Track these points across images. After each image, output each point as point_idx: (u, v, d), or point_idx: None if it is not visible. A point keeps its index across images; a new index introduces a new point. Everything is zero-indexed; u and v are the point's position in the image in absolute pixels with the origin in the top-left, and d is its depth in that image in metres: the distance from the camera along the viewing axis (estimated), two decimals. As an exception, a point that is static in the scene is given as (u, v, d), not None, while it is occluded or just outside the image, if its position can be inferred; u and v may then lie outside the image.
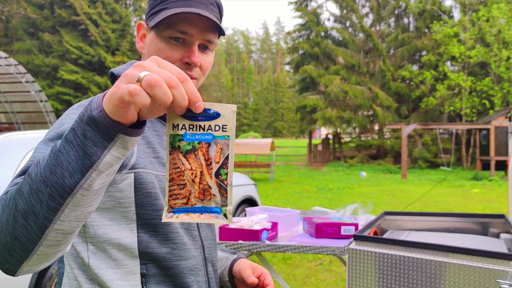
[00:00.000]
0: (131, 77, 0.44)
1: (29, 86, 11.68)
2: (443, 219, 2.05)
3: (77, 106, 0.73)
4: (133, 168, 0.68)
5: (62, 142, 0.48)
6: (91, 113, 0.46)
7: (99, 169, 0.47)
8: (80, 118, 0.47)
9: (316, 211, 2.51)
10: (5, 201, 0.51)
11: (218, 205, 0.49)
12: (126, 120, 0.46)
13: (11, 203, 0.50)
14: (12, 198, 0.50)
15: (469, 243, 1.72)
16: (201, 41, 0.73)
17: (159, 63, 0.46)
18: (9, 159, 2.57)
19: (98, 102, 0.46)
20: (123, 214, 0.69)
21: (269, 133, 45.04)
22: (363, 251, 1.57)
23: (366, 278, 1.56)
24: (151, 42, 0.74)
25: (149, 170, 0.70)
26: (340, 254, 1.79)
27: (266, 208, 2.55)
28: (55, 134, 0.63)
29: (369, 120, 19.95)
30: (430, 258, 1.44)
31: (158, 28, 0.72)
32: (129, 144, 0.48)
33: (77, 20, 19.26)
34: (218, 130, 0.48)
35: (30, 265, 0.52)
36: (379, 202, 8.22)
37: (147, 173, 0.69)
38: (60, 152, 0.47)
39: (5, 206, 0.51)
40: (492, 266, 1.33)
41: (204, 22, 0.71)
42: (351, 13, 20.62)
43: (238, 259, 0.86)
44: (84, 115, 0.47)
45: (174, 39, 0.72)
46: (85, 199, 0.49)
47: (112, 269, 0.68)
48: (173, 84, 0.44)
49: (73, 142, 0.47)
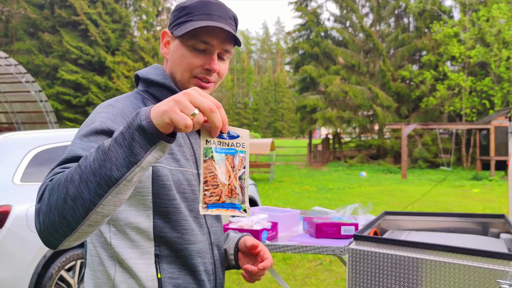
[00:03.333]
0: (185, 107, 0.58)
1: (29, 86, 11.67)
2: (443, 219, 2.05)
3: (106, 105, 0.82)
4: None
5: (112, 143, 0.60)
6: (141, 123, 0.59)
7: (142, 166, 0.60)
8: (128, 125, 0.60)
9: (316, 211, 2.51)
10: (52, 186, 0.62)
11: (240, 202, 0.65)
12: (167, 132, 0.60)
13: (61, 188, 0.61)
14: (62, 184, 0.61)
15: (469, 243, 1.71)
16: (220, 50, 0.85)
17: (201, 93, 0.60)
18: (9, 159, 2.57)
19: (147, 114, 0.60)
20: (141, 201, 0.79)
21: (269, 133, 45.03)
22: (363, 251, 1.57)
23: (366, 278, 1.56)
24: (175, 49, 0.86)
25: (164, 165, 0.81)
26: (340, 254, 1.79)
27: (266, 208, 2.55)
28: (89, 131, 0.73)
29: (369, 120, 19.95)
30: (430, 258, 1.44)
31: (183, 38, 0.83)
32: (166, 148, 0.62)
33: (77, 20, 19.25)
34: (239, 146, 0.65)
35: (70, 241, 0.63)
36: (379, 202, 8.22)
37: (163, 167, 0.80)
38: (110, 150, 0.59)
39: (53, 190, 0.61)
40: (492, 266, 1.33)
41: (224, 34, 0.83)
42: (351, 13, 20.62)
43: (245, 235, 0.98)
44: (133, 123, 0.60)
45: (197, 48, 0.83)
46: (126, 188, 0.61)
47: (130, 248, 0.79)
48: (214, 110, 0.59)
49: (122, 143, 0.60)
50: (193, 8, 0.84)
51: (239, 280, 3.71)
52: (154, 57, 20.63)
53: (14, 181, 2.50)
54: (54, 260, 2.58)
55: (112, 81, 19.59)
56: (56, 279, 2.58)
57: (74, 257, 2.70)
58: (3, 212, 2.35)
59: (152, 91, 0.88)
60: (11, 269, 2.36)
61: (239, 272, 3.92)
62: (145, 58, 20.04)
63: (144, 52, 20.29)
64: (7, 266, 2.35)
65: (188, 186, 0.84)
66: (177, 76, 0.86)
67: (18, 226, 2.39)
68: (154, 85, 0.87)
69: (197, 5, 0.84)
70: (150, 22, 21.42)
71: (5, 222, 2.35)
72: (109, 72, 19.77)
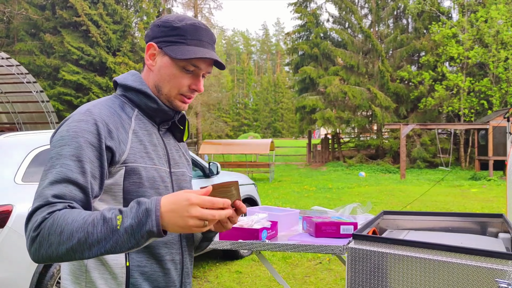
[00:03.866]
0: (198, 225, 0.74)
1: (31, 86, 11.68)
2: (442, 218, 2.06)
3: (85, 110, 0.87)
4: (125, 162, 0.87)
5: (122, 231, 0.72)
6: (152, 228, 0.72)
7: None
8: (139, 223, 0.73)
9: (316, 211, 2.53)
10: (53, 230, 0.73)
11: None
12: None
13: (64, 238, 0.73)
14: (66, 237, 0.73)
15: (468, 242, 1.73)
16: (205, 72, 0.95)
17: (206, 204, 0.74)
18: (11, 159, 2.58)
19: (157, 221, 0.73)
20: (113, 197, 0.87)
21: (269, 133, 45.02)
22: (362, 250, 1.58)
23: (365, 277, 1.57)
24: (165, 66, 0.93)
25: (139, 164, 0.89)
26: (340, 253, 1.80)
27: (266, 207, 2.56)
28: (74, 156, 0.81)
29: (368, 120, 19.97)
30: (429, 257, 1.45)
31: (176, 59, 0.91)
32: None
33: (78, 21, 19.23)
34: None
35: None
36: (378, 201, 8.24)
37: (137, 166, 0.88)
38: (119, 236, 0.72)
39: (54, 234, 0.73)
40: (491, 265, 1.34)
41: (211, 60, 0.93)
42: (350, 14, 20.63)
43: None
44: (145, 225, 0.72)
45: (186, 69, 0.92)
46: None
47: None
48: (217, 217, 0.75)
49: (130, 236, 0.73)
50: (186, 31, 0.91)
51: (239, 280, 3.72)
52: (154, 58, 20.60)
53: (16, 181, 2.51)
54: (55, 259, 2.59)
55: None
56: (57, 278, 2.59)
57: (75, 256, 2.70)
58: (5, 212, 2.36)
59: (130, 95, 0.95)
60: (12, 268, 2.37)
61: (239, 271, 3.93)
62: (146, 58, 20.02)
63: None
64: (8, 266, 2.36)
65: (162, 183, 0.92)
66: (163, 90, 0.94)
67: (20, 226, 2.40)
68: (131, 90, 0.95)
69: (189, 28, 0.91)
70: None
71: (7, 222, 2.36)
72: (110, 73, 19.77)
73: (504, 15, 15.53)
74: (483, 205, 7.66)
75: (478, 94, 16.86)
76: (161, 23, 0.93)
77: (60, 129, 0.86)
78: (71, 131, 0.83)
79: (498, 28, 15.67)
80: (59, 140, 0.83)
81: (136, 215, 0.73)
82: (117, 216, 0.74)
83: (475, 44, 16.89)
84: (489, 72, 16.50)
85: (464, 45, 16.66)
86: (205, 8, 22.31)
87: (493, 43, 15.97)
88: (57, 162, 0.80)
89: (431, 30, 17.63)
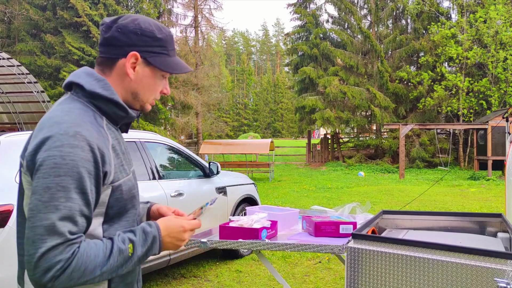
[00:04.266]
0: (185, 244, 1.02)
1: (32, 86, 11.66)
2: (441, 218, 2.07)
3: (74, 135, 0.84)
4: (112, 182, 0.91)
5: (135, 260, 0.89)
6: (156, 252, 0.94)
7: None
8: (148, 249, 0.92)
9: (315, 210, 2.53)
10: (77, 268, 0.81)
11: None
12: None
13: (87, 274, 0.83)
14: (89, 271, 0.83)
15: (467, 242, 1.74)
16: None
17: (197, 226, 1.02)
18: (12, 159, 2.58)
19: (161, 245, 0.94)
20: (95, 213, 0.90)
21: (268, 133, 45.02)
22: (361, 249, 1.59)
23: (365, 276, 1.58)
24: (147, 76, 0.97)
25: (121, 181, 0.93)
26: (339, 252, 1.81)
27: (265, 207, 2.57)
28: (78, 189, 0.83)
29: (367, 120, 19.99)
30: (428, 256, 1.46)
31: (164, 70, 0.98)
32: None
33: (79, 21, 19.24)
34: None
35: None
36: (377, 201, 8.25)
37: (119, 183, 0.92)
38: (132, 261, 0.89)
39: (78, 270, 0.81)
40: (490, 264, 1.35)
41: None
42: (349, 15, 20.64)
43: (152, 204, 1.16)
44: (151, 250, 0.92)
45: (163, 77, 1.01)
46: None
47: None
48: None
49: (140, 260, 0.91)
50: (166, 42, 0.97)
51: (239, 279, 3.73)
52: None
53: (17, 181, 2.51)
54: (55, 259, 2.59)
55: (114, 82, 19.58)
56: (57, 278, 2.59)
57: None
58: (6, 211, 2.37)
59: (98, 104, 0.93)
60: (13, 268, 2.37)
61: (239, 270, 3.94)
62: (146, 59, 20.02)
63: (145, 53, 20.29)
64: (9, 265, 2.36)
65: (134, 187, 0.99)
66: (141, 97, 0.98)
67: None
68: (100, 99, 0.92)
69: (168, 39, 0.98)
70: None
71: (7, 222, 2.37)
72: (110, 73, 19.77)
73: (503, 15, 15.56)
74: (482, 205, 7.68)
75: (477, 94, 16.88)
76: (141, 32, 0.93)
77: (47, 152, 0.81)
78: (68, 159, 0.81)
79: (497, 28, 15.70)
80: (55, 168, 0.80)
81: (145, 243, 0.90)
82: (128, 246, 0.87)
83: (474, 45, 16.91)
84: (488, 72, 16.52)
85: (463, 45, 16.68)
86: (205, 8, 22.26)
87: (492, 44, 15.99)
88: (60, 195, 0.80)
89: (430, 31, 17.65)
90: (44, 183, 0.80)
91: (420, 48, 18.42)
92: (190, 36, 22.68)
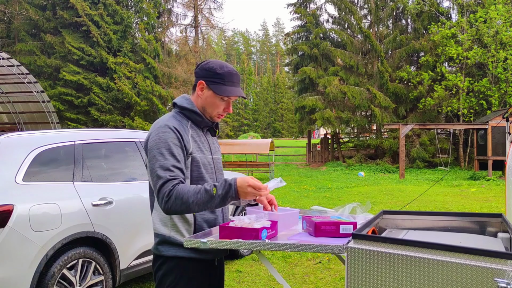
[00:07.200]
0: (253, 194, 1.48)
1: (32, 86, 11.67)
2: (441, 218, 2.07)
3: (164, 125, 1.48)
4: (190, 154, 1.49)
5: (217, 198, 1.40)
6: (233, 195, 1.43)
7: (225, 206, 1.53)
8: (227, 192, 1.42)
9: (315, 210, 2.53)
10: (178, 196, 1.37)
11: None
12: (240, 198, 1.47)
13: (184, 202, 1.37)
14: (185, 201, 1.38)
15: (467, 242, 1.74)
16: (233, 100, 1.59)
17: (258, 187, 1.47)
18: (12, 159, 2.58)
19: (236, 191, 1.43)
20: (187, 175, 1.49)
21: (268, 133, 45.03)
22: (361, 249, 1.59)
23: (365, 276, 1.58)
24: (210, 97, 1.54)
25: (197, 155, 1.51)
26: (339, 252, 1.80)
27: (266, 207, 2.55)
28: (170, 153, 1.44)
29: (367, 120, 19.98)
30: (428, 256, 1.46)
31: (218, 94, 1.52)
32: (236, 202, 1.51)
33: (79, 21, 19.24)
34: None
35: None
36: (377, 201, 8.25)
37: (196, 156, 1.51)
38: (215, 199, 1.41)
39: (178, 199, 1.37)
40: (490, 264, 1.35)
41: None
42: (349, 15, 20.64)
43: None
44: (228, 193, 1.42)
45: (223, 99, 1.55)
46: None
47: None
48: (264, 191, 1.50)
49: (221, 200, 1.42)
50: (224, 75, 1.51)
51: (239, 279, 3.73)
52: (155, 58, 20.62)
53: (17, 181, 2.51)
54: (56, 258, 2.59)
55: (114, 82, 19.60)
56: (58, 277, 2.60)
57: (76, 255, 2.71)
58: (6, 211, 2.36)
59: (185, 113, 1.56)
60: (13, 267, 2.38)
61: (239, 271, 3.94)
62: (147, 59, 19.99)
63: (145, 53, 20.25)
64: (9, 265, 2.36)
65: (209, 165, 1.57)
66: (208, 111, 1.56)
67: (21, 225, 2.41)
68: (186, 110, 1.55)
69: (226, 74, 1.52)
70: (151, 24, 21.38)
71: (8, 222, 2.37)
72: (110, 73, 19.78)
73: (503, 15, 15.55)
74: (482, 205, 7.68)
75: (477, 94, 16.88)
76: (208, 68, 1.52)
77: (151, 138, 1.45)
78: (162, 138, 1.43)
79: (497, 28, 15.69)
80: (155, 145, 1.42)
81: (224, 187, 1.39)
82: (212, 189, 1.38)
83: (474, 45, 16.91)
84: (488, 72, 16.52)
85: (463, 45, 16.68)
86: (205, 8, 22.28)
87: (492, 43, 15.99)
88: (160, 158, 1.40)
89: (430, 31, 17.65)
90: (152, 154, 1.42)
91: (420, 48, 18.41)
92: (190, 36, 22.70)
